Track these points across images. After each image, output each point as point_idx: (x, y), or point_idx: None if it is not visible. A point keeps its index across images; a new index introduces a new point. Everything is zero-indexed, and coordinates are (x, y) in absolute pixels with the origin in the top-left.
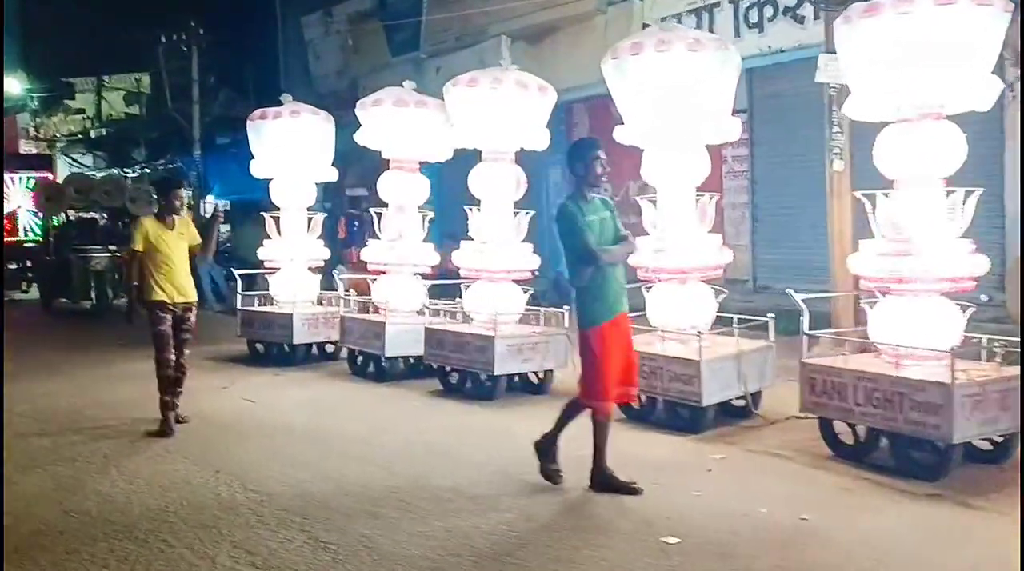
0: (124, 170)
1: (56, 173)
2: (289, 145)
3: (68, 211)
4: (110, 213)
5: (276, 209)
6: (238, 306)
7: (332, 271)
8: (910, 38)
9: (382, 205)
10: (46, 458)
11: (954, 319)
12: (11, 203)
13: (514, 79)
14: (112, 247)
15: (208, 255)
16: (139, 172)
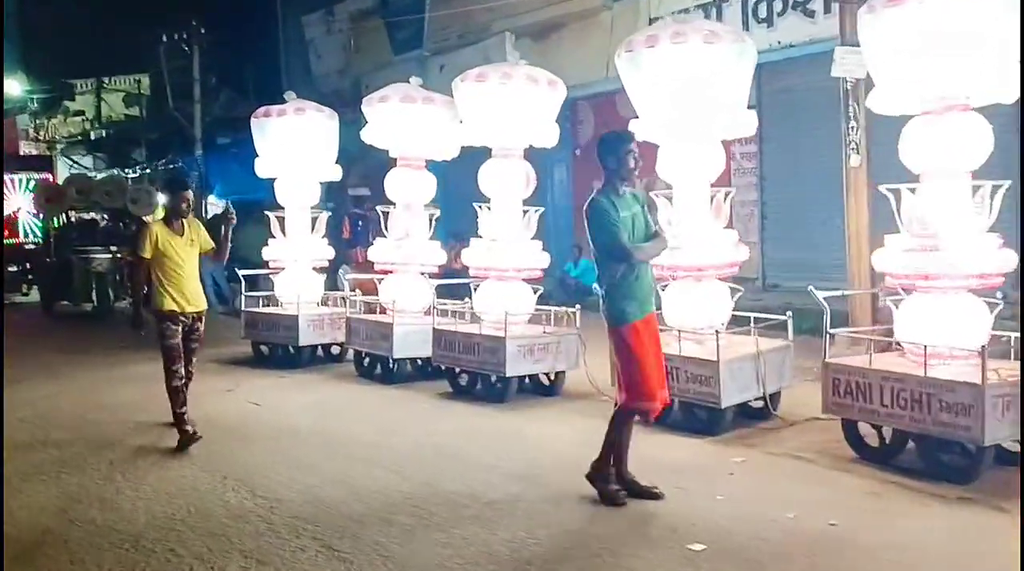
0: (124, 171)
1: (56, 174)
2: (294, 143)
3: (69, 212)
4: (111, 214)
5: (279, 208)
6: (242, 307)
7: (337, 271)
8: (935, 27)
9: (384, 204)
10: (49, 464)
11: (982, 317)
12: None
13: (524, 74)
14: (113, 248)
15: (222, 260)
16: (140, 173)
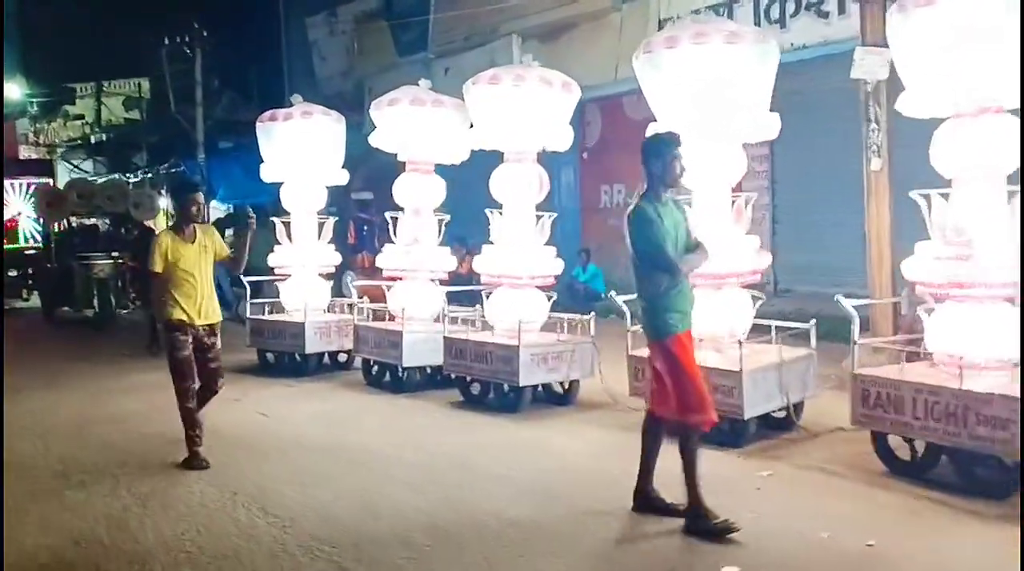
0: (125, 175)
1: (57, 179)
2: (301, 147)
3: (70, 217)
4: (113, 219)
5: (283, 213)
6: (247, 314)
7: (342, 277)
8: (968, 22)
9: (389, 209)
10: (52, 479)
11: (1016, 326)
12: (11, 209)
13: (538, 76)
14: (115, 254)
15: (239, 270)
16: (141, 177)
